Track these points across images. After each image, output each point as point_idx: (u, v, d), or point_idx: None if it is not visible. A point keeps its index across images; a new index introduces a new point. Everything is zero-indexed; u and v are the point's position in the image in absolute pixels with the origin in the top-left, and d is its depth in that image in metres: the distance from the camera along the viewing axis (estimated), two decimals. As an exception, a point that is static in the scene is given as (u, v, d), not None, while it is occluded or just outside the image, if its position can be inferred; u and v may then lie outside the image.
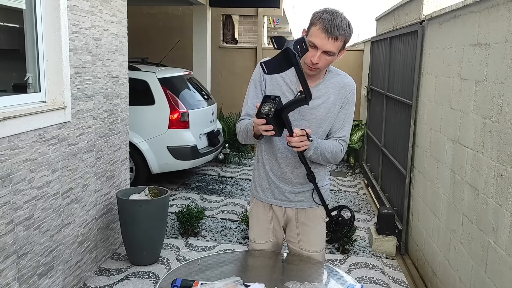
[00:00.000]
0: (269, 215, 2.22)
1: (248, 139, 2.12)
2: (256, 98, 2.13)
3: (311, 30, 1.94)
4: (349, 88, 2.14)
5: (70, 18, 3.06)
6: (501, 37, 2.48)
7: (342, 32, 1.91)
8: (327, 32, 1.89)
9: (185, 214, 4.45)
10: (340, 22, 1.90)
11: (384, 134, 5.66)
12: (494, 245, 2.46)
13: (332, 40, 1.90)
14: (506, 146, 2.36)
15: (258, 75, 2.14)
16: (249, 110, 2.15)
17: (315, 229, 2.23)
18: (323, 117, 2.09)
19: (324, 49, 1.92)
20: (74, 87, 3.18)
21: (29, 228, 2.72)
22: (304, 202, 2.19)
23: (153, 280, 3.55)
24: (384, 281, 3.73)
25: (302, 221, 2.22)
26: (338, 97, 2.11)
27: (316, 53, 1.93)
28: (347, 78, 2.17)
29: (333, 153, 2.08)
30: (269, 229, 2.24)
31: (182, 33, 8.91)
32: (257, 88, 2.14)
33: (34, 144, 2.72)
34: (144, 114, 5.62)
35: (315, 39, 1.91)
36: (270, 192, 2.19)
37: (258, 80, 2.14)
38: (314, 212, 2.22)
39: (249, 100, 2.16)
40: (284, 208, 2.20)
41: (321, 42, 1.90)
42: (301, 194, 2.18)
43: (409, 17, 4.73)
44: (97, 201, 3.61)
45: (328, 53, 1.94)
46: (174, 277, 1.85)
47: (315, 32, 1.91)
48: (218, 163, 7.44)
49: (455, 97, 3.18)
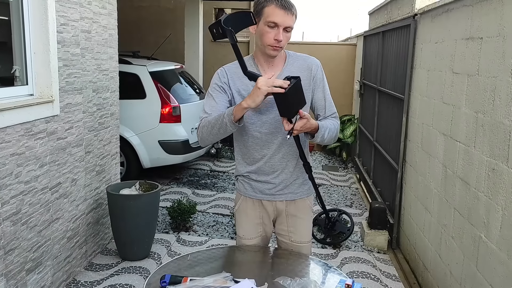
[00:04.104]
0: (258, 210, 2.20)
1: (218, 130, 1.93)
2: (219, 98, 2.04)
3: (264, 11, 1.93)
4: (314, 66, 2.12)
5: (58, 9, 3.01)
6: (494, 31, 2.47)
7: (294, 6, 1.94)
8: (284, 8, 1.90)
9: (176, 209, 4.43)
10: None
11: (376, 128, 5.66)
12: (485, 239, 2.46)
13: (291, 14, 1.92)
14: (498, 141, 2.36)
15: (217, 79, 2.08)
16: (212, 112, 2.00)
17: (304, 220, 2.24)
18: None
19: (285, 25, 1.93)
20: (62, 80, 3.13)
21: (16, 223, 2.67)
22: (293, 194, 2.19)
23: (143, 275, 3.53)
24: (376, 275, 3.74)
25: (292, 213, 2.21)
26: (306, 78, 2.08)
27: (279, 31, 1.93)
28: (309, 58, 2.15)
29: (335, 130, 2.10)
30: (258, 224, 2.22)
31: (174, 26, 8.83)
32: (218, 90, 2.05)
33: (21, 138, 2.67)
34: (135, 108, 5.56)
35: (275, 18, 1.90)
36: (259, 186, 2.17)
37: (218, 82, 2.07)
38: (303, 203, 2.23)
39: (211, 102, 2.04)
40: (274, 201, 2.18)
41: (282, 18, 1.91)
42: (290, 186, 2.17)
43: (402, 11, 4.71)
44: (86, 196, 3.57)
45: (287, 30, 1.95)
46: (164, 273, 1.83)
47: (272, 11, 1.91)
48: (210, 158, 7.41)
49: (447, 92, 3.17)
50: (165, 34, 8.16)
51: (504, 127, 2.30)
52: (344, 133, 7.47)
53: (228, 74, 2.08)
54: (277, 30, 1.92)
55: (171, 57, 7.45)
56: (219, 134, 1.97)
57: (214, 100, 2.05)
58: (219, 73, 2.10)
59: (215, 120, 1.95)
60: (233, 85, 2.07)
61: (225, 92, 2.07)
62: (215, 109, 2.02)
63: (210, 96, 2.08)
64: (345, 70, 8.59)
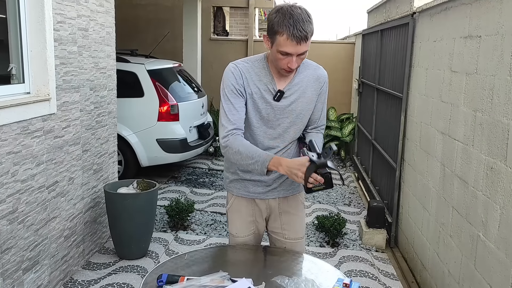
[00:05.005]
0: (251, 208, 2.20)
1: (247, 166, 1.92)
2: (238, 105, 1.99)
3: (276, 39, 1.85)
4: (323, 79, 2.13)
5: (54, 7, 2.99)
6: (492, 29, 2.46)
7: (309, 30, 1.83)
8: (296, 39, 1.81)
9: (174, 207, 4.42)
10: (302, 19, 1.81)
11: (374, 127, 5.65)
12: (484, 238, 2.45)
13: (303, 42, 1.84)
14: (496, 139, 2.35)
15: (233, 79, 1.98)
16: (236, 122, 1.97)
17: (297, 216, 2.25)
18: (303, 111, 2.09)
19: (298, 53, 1.87)
20: (59, 78, 3.11)
21: (13, 222, 2.66)
22: (285, 191, 2.19)
23: (141, 274, 3.52)
24: (374, 274, 3.73)
25: (285, 210, 2.22)
26: (314, 89, 2.09)
27: (292, 59, 1.87)
28: (319, 69, 2.13)
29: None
30: (251, 222, 2.22)
31: (172, 24, 8.81)
32: (236, 94, 1.99)
33: (17, 137, 2.66)
34: (133, 107, 5.55)
35: (287, 49, 1.84)
36: (251, 186, 2.16)
37: (236, 84, 1.98)
38: (295, 199, 2.24)
39: (232, 110, 1.98)
40: (267, 199, 2.18)
41: (294, 49, 1.84)
42: (283, 183, 2.17)
43: (400, 10, 4.70)
44: (84, 195, 3.56)
45: (302, 54, 1.90)
46: (160, 272, 1.82)
47: (283, 42, 1.83)
48: (209, 156, 7.40)
49: (446, 90, 3.16)
50: (163, 32, 8.15)
51: (502, 125, 2.29)
52: (343, 132, 7.46)
53: (243, 75, 2.00)
54: (290, 58, 1.87)
55: (169, 56, 7.44)
56: (246, 168, 1.96)
57: (234, 107, 1.98)
58: (234, 72, 1.99)
59: (247, 157, 1.91)
60: (247, 87, 2.00)
61: (242, 95, 2.00)
62: (237, 118, 1.97)
63: (228, 101, 1.98)
64: (344, 68, 8.58)
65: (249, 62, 2.02)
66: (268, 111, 2.03)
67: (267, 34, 1.91)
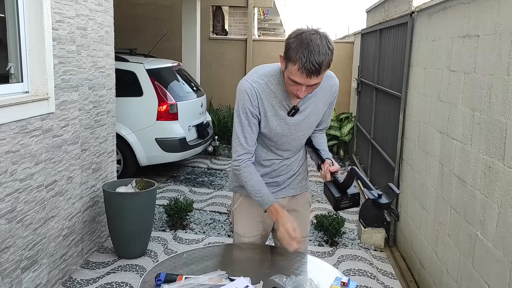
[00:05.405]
0: (259, 209, 2.17)
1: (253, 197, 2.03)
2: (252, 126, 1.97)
3: (289, 66, 1.77)
4: (335, 88, 2.08)
5: (53, 6, 2.99)
6: (490, 29, 2.47)
7: (323, 64, 1.72)
8: (307, 72, 1.72)
9: (173, 206, 4.42)
10: (319, 51, 1.70)
11: (373, 126, 5.66)
12: (481, 237, 2.46)
13: (314, 76, 1.74)
14: (494, 139, 2.36)
15: (248, 102, 1.93)
16: (249, 143, 1.99)
17: (304, 214, 2.27)
18: (315, 122, 2.09)
19: (308, 85, 1.79)
20: (58, 77, 3.11)
21: (11, 221, 2.66)
22: (294, 190, 2.21)
23: (140, 273, 3.52)
24: (372, 273, 3.74)
25: (293, 208, 2.23)
26: (327, 99, 2.07)
27: (302, 88, 1.80)
28: (331, 79, 2.06)
29: None
30: (259, 223, 2.21)
31: (172, 24, 8.81)
32: (249, 118, 1.95)
33: (16, 136, 2.66)
34: (132, 106, 5.55)
35: (297, 78, 1.76)
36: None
37: (251, 107, 1.94)
38: (303, 198, 2.26)
39: (245, 132, 1.97)
40: (276, 199, 2.18)
41: (304, 81, 1.76)
42: (292, 183, 2.19)
43: (399, 9, 4.70)
44: (82, 194, 3.56)
45: (313, 85, 1.82)
46: (159, 271, 1.82)
47: (294, 72, 1.75)
48: (208, 156, 7.40)
49: (444, 89, 3.17)
50: (162, 31, 8.15)
51: (500, 124, 2.30)
52: (342, 131, 7.46)
53: (258, 96, 1.93)
54: (300, 86, 1.80)
55: (168, 55, 7.43)
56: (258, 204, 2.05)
57: (252, 129, 1.97)
58: (249, 94, 1.92)
59: (254, 190, 2.00)
60: (261, 107, 1.96)
61: (256, 116, 1.97)
62: (250, 140, 1.99)
63: (242, 122, 1.97)
64: (343, 68, 8.59)
65: (264, 78, 1.94)
66: (283, 127, 2.01)
67: (283, 54, 1.83)
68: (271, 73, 1.95)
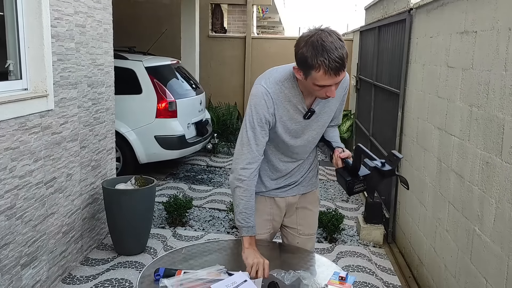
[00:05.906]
0: (269, 207, 2.17)
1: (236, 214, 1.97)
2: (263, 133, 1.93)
3: (311, 74, 1.73)
4: (346, 83, 2.06)
5: (52, 3, 2.99)
6: (488, 25, 2.47)
7: (344, 56, 1.71)
8: (335, 72, 1.70)
9: (172, 204, 4.43)
10: (335, 47, 1.68)
11: (372, 123, 5.66)
12: (479, 232, 2.47)
13: (342, 71, 1.74)
14: (492, 134, 2.36)
15: (264, 108, 1.88)
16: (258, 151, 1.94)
17: (313, 212, 2.28)
18: (328, 120, 2.09)
19: (336, 82, 1.78)
20: (57, 74, 3.11)
21: (11, 218, 2.67)
22: (305, 187, 2.21)
23: (139, 270, 3.53)
24: (371, 269, 3.75)
25: (302, 205, 2.23)
26: (338, 95, 2.04)
27: (331, 88, 1.78)
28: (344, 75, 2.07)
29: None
30: (268, 221, 2.19)
31: (171, 22, 8.80)
32: (263, 124, 1.91)
33: (15, 133, 2.67)
34: (131, 103, 5.55)
35: (325, 82, 1.74)
36: (274, 185, 2.15)
37: (266, 114, 1.89)
38: (313, 195, 2.27)
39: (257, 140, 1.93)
40: (287, 197, 2.18)
41: (333, 81, 1.74)
42: (303, 181, 2.19)
43: (398, 6, 4.71)
44: (82, 191, 3.57)
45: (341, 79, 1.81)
46: (158, 266, 1.83)
47: (320, 77, 1.72)
48: (207, 153, 7.41)
49: (442, 86, 3.18)
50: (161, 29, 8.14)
51: (498, 120, 2.31)
52: (341, 128, 7.47)
53: (274, 103, 1.90)
54: (329, 87, 1.77)
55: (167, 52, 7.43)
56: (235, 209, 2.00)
57: (263, 137, 1.94)
58: (266, 101, 1.88)
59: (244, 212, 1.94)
60: (277, 113, 1.93)
61: (270, 123, 1.94)
62: (260, 147, 1.94)
63: (258, 129, 1.92)
64: (342, 65, 8.57)
65: (279, 83, 1.90)
66: (298, 130, 2.00)
67: (297, 66, 1.78)
68: (285, 77, 1.92)
